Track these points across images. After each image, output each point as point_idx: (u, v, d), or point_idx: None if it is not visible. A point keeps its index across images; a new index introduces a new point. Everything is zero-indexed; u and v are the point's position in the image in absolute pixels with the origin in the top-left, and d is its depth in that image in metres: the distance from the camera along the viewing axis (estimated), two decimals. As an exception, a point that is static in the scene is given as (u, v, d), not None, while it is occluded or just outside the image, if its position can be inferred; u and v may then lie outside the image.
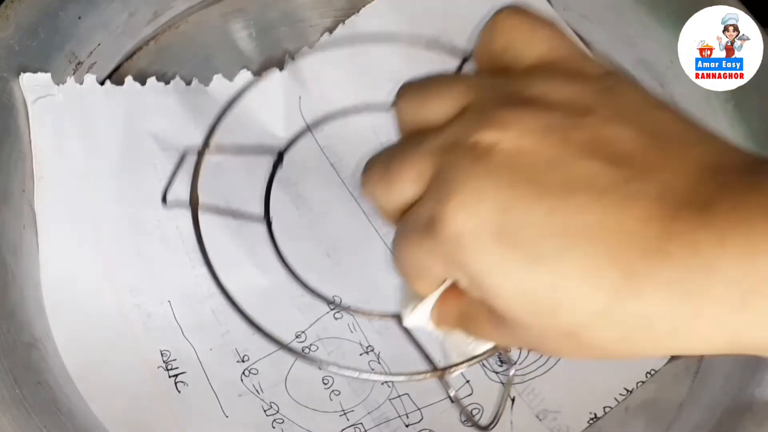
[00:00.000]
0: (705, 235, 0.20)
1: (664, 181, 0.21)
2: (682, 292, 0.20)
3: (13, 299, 0.33)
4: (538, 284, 0.21)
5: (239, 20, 0.41)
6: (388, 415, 0.35)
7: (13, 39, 0.35)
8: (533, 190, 0.21)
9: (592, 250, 0.21)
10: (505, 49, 0.26)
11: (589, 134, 0.22)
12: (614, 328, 0.21)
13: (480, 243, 0.22)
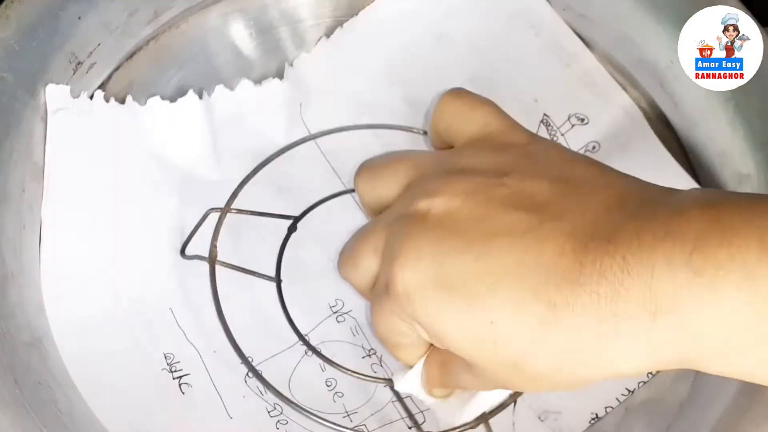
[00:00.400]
0: (610, 262, 0.22)
1: (575, 219, 0.24)
2: (597, 316, 0.22)
3: (13, 299, 0.33)
4: (477, 322, 0.24)
5: (239, 20, 0.41)
6: (392, 417, 0.35)
7: (13, 39, 0.35)
8: (462, 241, 0.25)
9: (517, 287, 0.23)
10: (448, 127, 0.31)
11: (509, 190, 0.25)
12: (548, 356, 0.24)
13: (424, 293, 0.25)
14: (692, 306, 0.22)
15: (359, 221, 0.38)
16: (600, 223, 0.23)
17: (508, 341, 0.24)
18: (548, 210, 0.24)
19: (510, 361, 0.24)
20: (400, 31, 0.41)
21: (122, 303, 0.36)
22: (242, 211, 0.37)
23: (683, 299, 0.22)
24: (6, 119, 0.34)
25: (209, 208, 0.36)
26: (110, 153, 0.37)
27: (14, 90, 0.35)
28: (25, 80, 0.35)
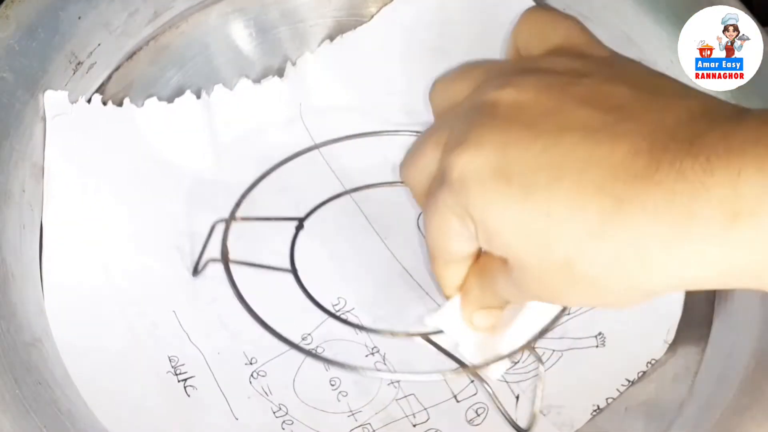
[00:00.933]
0: (692, 162, 0.21)
1: (655, 120, 0.22)
2: (670, 214, 0.21)
3: (13, 299, 0.33)
4: (532, 214, 0.22)
5: (239, 20, 0.41)
6: (395, 416, 0.36)
7: (13, 39, 0.35)
8: (530, 133, 0.23)
9: (582, 180, 0.22)
10: (527, 43, 0.29)
11: (586, 90, 0.24)
12: (606, 256, 0.22)
13: (480, 180, 0.23)
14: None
15: (360, 222, 0.38)
16: (682, 127, 0.22)
17: (562, 235, 0.22)
18: (626, 110, 0.23)
19: (561, 258, 0.22)
20: (398, 43, 0.41)
21: (125, 305, 0.36)
22: (247, 218, 0.36)
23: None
24: (6, 119, 0.34)
25: (215, 220, 0.36)
26: (110, 156, 0.37)
27: (14, 90, 0.35)
28: (25, 80, 0.35)
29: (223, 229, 0.35)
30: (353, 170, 0.41)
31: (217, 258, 0.35)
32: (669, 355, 0.38)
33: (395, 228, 0.40)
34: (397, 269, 0.39)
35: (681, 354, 0.38)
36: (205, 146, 0.39)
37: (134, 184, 0.38)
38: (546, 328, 0.31)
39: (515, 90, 0.24)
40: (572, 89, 0.24)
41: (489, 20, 0.41)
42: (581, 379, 0.37)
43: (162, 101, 0.39)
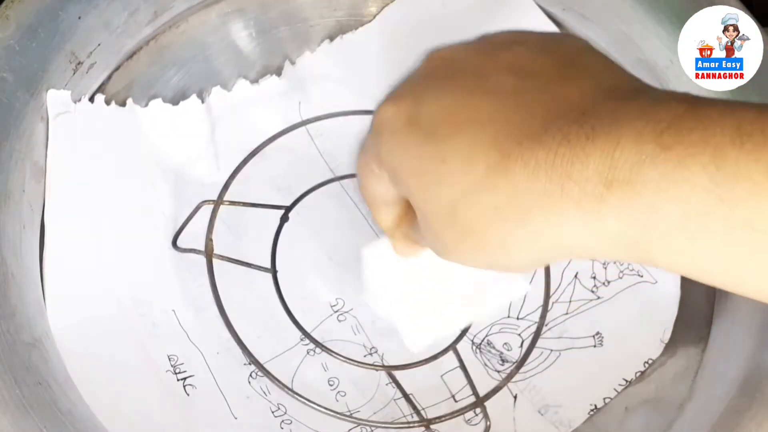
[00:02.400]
0: (578, 128, 0.22)
1: (562, 92, 0.23)
2: (547, 172, 0.22)
3: (13, 299, 0.33)
4: (429, 159, 0.24)
5: (239, 20, 0.41)
6: (394, 415, 0.36)
7: (13, 39, 0.35)
8: (447, 86, 0.25)
9: (479, 134, 0.23)
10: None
11: (514, 56, 0.25)
12: (486, 206, 0.23)
13: (392, 126, 0.25)
14: (651, 179, 0.21)
15: (349, 208, 0.38)
16: (582, 97, 0.23)
17: (452, 181, 0.23)
18: (540, 79, 0.24)
19: (448, 204, 0.24)
20: (398, 44, 0.41)
21: (125, 305, 0.36)
22: (234, 202, 0.36)
23: (644, 170, 0.21)
24: (6, 119, 0.34)
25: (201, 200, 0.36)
26: (111, 155, 0.38)
27: (14, 90, 0.35)
28: (25, 80, 0.35)
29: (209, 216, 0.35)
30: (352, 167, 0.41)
31: (201, 250, 0.35)
32: (669, 355, 0.38)
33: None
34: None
35: (681, 354, 0.38)
36: (206, 147, 0.39)
37: (135, 184, 0.38)
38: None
39: (453, 48, 0.26)
40: (502, 54, 0.25)
41: (489, 20, 0.41)
42: (579, 379, 0.37)
43: (166, 102, 0.39)
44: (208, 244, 0.35)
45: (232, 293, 0.36)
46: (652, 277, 0.39)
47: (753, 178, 0.20)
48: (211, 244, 0.35)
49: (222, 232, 0.37)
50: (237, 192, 0.37)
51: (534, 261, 0.24)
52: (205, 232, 0.35)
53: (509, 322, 0.38)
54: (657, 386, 0.37)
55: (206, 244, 0.35)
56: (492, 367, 0.37)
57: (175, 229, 0.37)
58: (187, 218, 0.36)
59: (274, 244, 0.36)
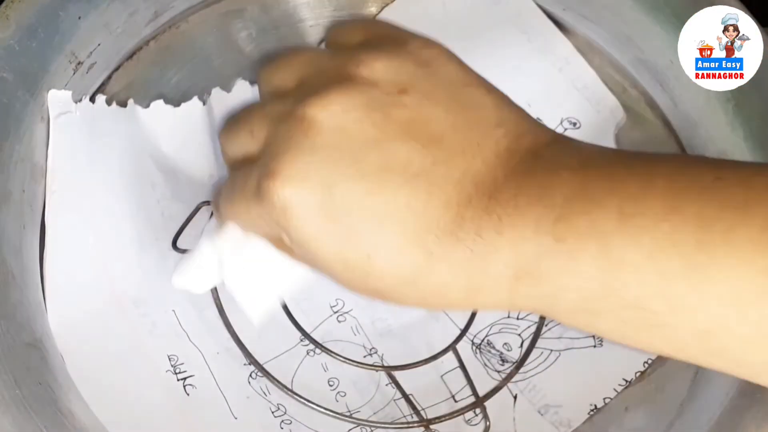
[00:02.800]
0: (487, 220, 0.23)
1: (465, 165, 0.24)
2: (468, 272, 0.24)
3: (13, 299, 0.33)
4: (354, 253, 0.25)
5: (239, 20, 0.41)
6: (394, 415, 0.36)
7: (13, 39, 0.34)
8: (354, 169, 0.24)
9: (401, 230, 0.24)
10: (342, 35, 0.31)
11: (407, 114, 0.25)
12: (416, 296, 0.25)
13: (304, 215, 0.25)
14: (552, 271, 0.23)
15: None
16: (486, 173, 0.24)
17: (380, 278, 0.25)
18: (442, 146, 0.25)
19: (378, 291, 0.25)
20: None
21: (125, 305, 0.36)
22: None
23: (545, 264, 0.23)
24: (6, 119, 0.34)
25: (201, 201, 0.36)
26: (112, 156, 0.37)
27: (14, 90, 0.34)
28: (25, 80, 0.35)
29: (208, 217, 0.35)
30: None
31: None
32: (669, 355, 0.38)
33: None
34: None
35: (681, 354, 0.38)
36: (207, 149, 0.39)
37: (136, 184, 0.38)
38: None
39: (337, 111, 0.25)
40: (395, 113, 0.25)
41: (489, 20, 0.41)
42: (579, 379, 0.37)
43: (167, 103, 0.39)
44: None
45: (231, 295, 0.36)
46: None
47: (636, 263, 0.21)
48: None
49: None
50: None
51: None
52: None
53: (509, 322, 0.38)
54: (657, 386, 0.37)
55: None
56: (492, 368, 0.37)
57: (175, 230, 0.37)
58: (186, 219, 0.36)
59: None
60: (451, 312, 0.30)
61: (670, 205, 0.21)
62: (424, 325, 0.38)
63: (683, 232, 0.21)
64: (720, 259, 0.21)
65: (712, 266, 0.21)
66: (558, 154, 0.25)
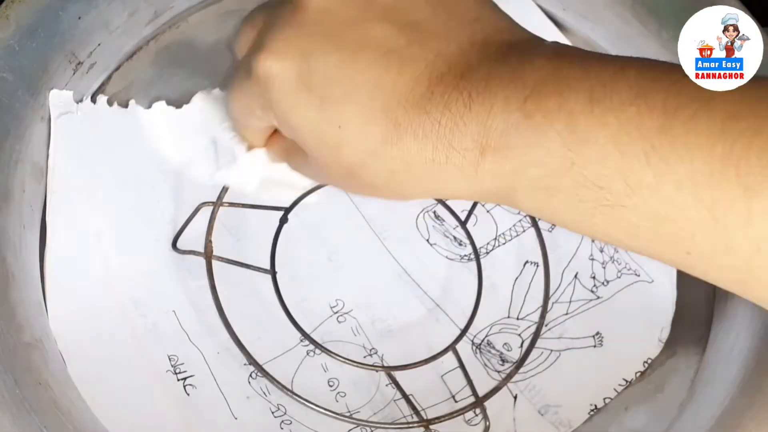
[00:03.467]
0: (456, 96, 0.24)
1: (439, 48, 0.25)
2: (434, 142, 0.24)
3: (13, 299, 0.33)
4: (327, 123, 0.26)
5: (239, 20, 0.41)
6: (394, 416, 0.36)
7: (13, 39, 0.34)
8: (331, 43, 0.26)
9: (370, 102, 0.25)
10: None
11: (389, 0, 0.26)
12: (383, 170, 0.26)
13: (283, 84, 0.26)
14: (517, 145, 0.23)
15: (358, 222, 0.38)
16: (460, 57, 0.25)
17: (350, 148, 0.26)
18: (418, 30, 0.26)
19: (348, 166, 0.26)
20: None
21: (125, 305, 0.36)
22: (234, 204, 0.37)
23: (511, 138, 0.23)
24: (6, 119, 0.34)
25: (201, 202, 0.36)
26: (113, 156, 0.38)
27: (14, 90, 0.34)
28: (25, 80, 0.35)
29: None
30: None
31: (201, 252, 0.35)
32: (669, 355, 0.38)
33: (394, 228, 0.40)
34: (396, 269, 0.39)
35: (681, 354, 0.38)
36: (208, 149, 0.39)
37: (136, 185, 0.38)
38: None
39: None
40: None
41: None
42: (579, 379, 0.37)
43: (168, 104, 0.39)
44: (208, 246, 0.35)
45: (232, 294, 0.36)
46: (649, 276, 0.39)
47: (599, 142, 0.22)
48: (210, 246, 0.35)
49: (222, 234, 0.37)
50: (237, 194, 0.37)
51: (416, 198, 0.28)
52: (205, 234, 0.36)
53: (509, 322, 0.38)
54: (657, 386, 0.37)
55: (206, 246, 0.35)
56: (492, 368, 0.37)
57: (175, 231, 0.37)
58: (186, 220, 0.36)
59: (274, 246, 0.37)
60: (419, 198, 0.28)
61: (637, 92, 0.22)
62: (425, 326, 0.38)
63: (648, 117, 0.22)
64: (680, 144, 0.21)
65: (672, 151, 0.21)
66: (536, 46, 0.26)
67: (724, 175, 0.21)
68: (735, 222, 0.21)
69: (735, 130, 0.21)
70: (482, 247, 0.40)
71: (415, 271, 0.39)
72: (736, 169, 0.21)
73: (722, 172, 0.21)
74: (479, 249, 0.39)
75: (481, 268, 0.39)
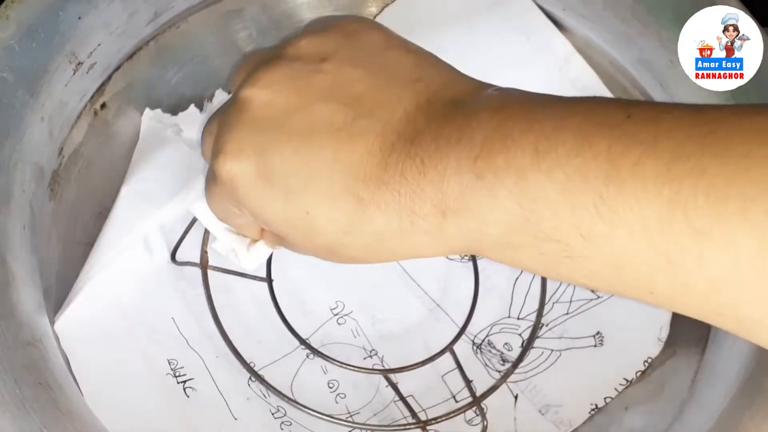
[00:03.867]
0: (410, 164, 0.24)
1: (386, 117, 0.26)
2: (397, 211, 0.25)
3: (13, 299, 0.33)
4: (294, 212, 0.26)
5: (239, 20, 0.41)
6: (394, 417, 0.36)
7: (13, 39, 0.34)
8: (282, 134, 0.26)
9: (331, 185, 0.25)
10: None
11: (328, 78, 0.27)
12: (358, 245, 0.26)
13: (246, 183, 0.27)
14: (474, 206, 0.24)
15: None
16: (407, 123, 0.25)
17: (322, 231, 0.26)
18: (363, 103, 0.26)
19: (324, 247, 0.27)
20: None
21: (126, 310, 0.36)
22: None
23: (467, 200, 0.24)
24: (6, 119, 0.34)
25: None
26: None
27: (14, 90, 0.34)
28: (25, 80, 0.35)
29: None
30: None
31: (197, 263, 0.35)
32: (669, 355, 0.38)
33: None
34: (396, 270, 0.39)
35: (681, 354, 0.38)
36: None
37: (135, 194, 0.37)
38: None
39: (263, 86, 0.27)
40: (315, 79, 0.27)
41: (489, 20, 0.41)
42: (580, 379, 0.37)
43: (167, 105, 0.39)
44: (203, 257, 0.36)
45: (230, 301, 0.36)
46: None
47: (549, 197, 0.22)
48: (206, 257, 0.36)
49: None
50: None
51: (396, 260, 0.29)
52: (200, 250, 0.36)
53: (510, 322, 0.38)
54: (657, 386, 0.37)
55: (201, 257, 0.36)
56: (492, 368, 0.37)
57: (174, 241, 0.37)
58: (183, 232, 0.36)
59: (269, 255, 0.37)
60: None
61: (582, 141, 0.22)
62: (425, 327, 0.38)
63: (593, 166, 0.22)
64: (628, 192, 0.21)
65: (620, 199, 0.21)
66: (480, 99, 0.26)
67: (674, 219, 0.21)
68: (690, 264, 0.21)
69: (681, 171, 0.21)
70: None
71: (415, 271, 0.39)
72: (684, 212, 0.21)
73: (671, 216, 0.21)
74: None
75: (477, 269, 0.39)
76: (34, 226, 0.35)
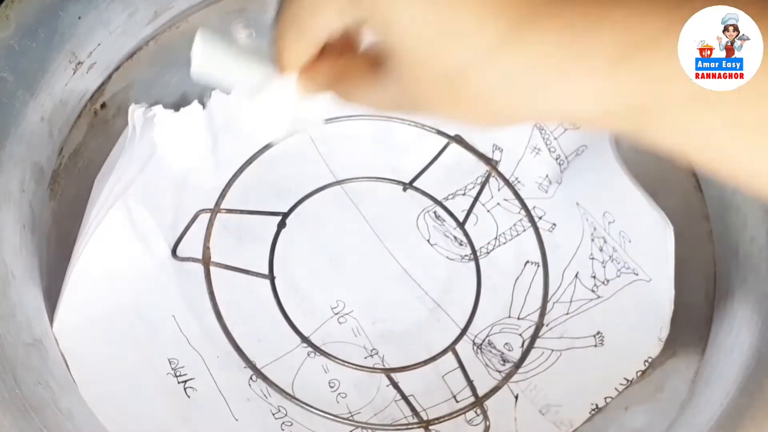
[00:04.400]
0: (594, 3, 0.20)
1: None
2: (568, 40, 0.20)
3: (13, 299, 0.33)
4: (435, 17, 0.21)
5: (239, 20, 0.41)
6: (395, 416, 0.36)
7: (13, 39, 0.34)
8: None
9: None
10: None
11: None
12: (496, 71, 0.21)
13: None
14: (671, 50, 0.20)
15: (349, 210, 0.38)
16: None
17: (462, 44, 0.21)
18: None
19: (453, 70, 0.21)
20: None
21: (126, 309, 0.36)
22: (231, 210, 0.37)
23: (665, 41, 0.20)
24: (6, 119, 0.34)
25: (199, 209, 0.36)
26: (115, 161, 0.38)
27: (14, 90, 0.34)
28: (25, 80, 0.35)
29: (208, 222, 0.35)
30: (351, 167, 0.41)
31: (199, 259, 0.35)
32: (669, 354, 0.38)
33: (394, 229, 0.40)
34: (397, 270, 0.39)
35: (681, 354, 0.38)
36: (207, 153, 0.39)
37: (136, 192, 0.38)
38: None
39: None
40: None
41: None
42: (580, 379, 0.37)
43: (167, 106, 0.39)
44: (206, 253, 0.35)
45: (232, 299, 0.36)
46: (647, 275, 0.39)
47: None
48: (208, 253, 0.35)
49: (222, 238, 0.37)
50: (237, 198, 0.37)
51: (523, 120, 0.22)
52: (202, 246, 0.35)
53: (510, 322, 0.38)
54: (657, 386, 0.37)
55: (203, 253, 0.35)
56: (493, 368, 0.37)
57: (174, 238, 0.37)
58: (185, 228, 0.36)
59: (272, 251, 0.37)
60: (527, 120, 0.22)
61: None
62: (425, 326, 0.38)
63: None
64: None
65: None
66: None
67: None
68: None
69: None
70: (482, 247, 0.40)
71: (416, 271, 0.39)
72: None
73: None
74: (480, 249, 0.39)
75: (479, 269, 0.39)
76: (34, 226, 0.35)
